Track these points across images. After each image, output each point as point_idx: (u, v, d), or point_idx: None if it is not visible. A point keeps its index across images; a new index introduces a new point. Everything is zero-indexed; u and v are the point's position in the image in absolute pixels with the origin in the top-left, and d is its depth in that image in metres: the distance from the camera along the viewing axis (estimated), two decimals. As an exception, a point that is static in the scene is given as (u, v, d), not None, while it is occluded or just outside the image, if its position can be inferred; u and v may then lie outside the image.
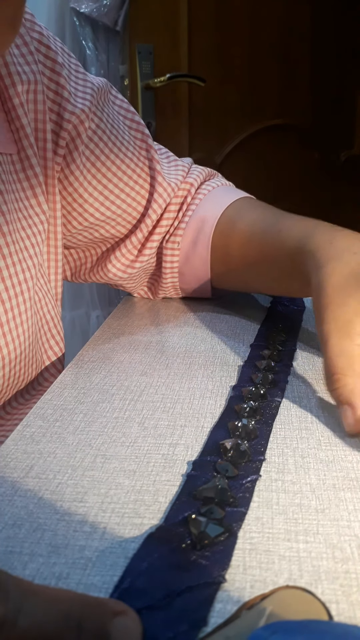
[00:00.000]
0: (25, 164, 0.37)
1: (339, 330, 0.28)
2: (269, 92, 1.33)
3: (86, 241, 0.45)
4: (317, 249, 0.33)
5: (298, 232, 0.36)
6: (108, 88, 0.43)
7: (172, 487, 0.24)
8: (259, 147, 1.34)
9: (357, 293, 0.29)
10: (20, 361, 0.36)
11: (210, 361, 0.36)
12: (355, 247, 0.31)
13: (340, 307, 0.29)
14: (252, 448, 0.26)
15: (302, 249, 0.34)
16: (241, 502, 0.22)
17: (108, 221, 0.43)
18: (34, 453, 0.26)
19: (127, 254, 0.45)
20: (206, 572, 0.19)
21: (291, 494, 0.23)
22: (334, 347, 0.28)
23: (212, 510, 0.21)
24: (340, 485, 0.24)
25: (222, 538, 0.20)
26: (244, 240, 0.41)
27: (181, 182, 0.45)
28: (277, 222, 0.39)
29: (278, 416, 0.29)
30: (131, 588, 0.18)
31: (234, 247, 0.42)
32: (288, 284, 0.38)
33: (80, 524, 0.22)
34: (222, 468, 0.24)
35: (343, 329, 0.28)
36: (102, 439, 0.27)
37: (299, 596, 0.18)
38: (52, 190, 0.39)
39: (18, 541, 0.21)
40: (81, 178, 0.41)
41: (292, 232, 0.37)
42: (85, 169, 0.41)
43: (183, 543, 0.20)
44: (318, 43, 1.34)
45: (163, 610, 0.17)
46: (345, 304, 0.29)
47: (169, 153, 0.48)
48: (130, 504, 0.23)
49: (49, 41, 0.39)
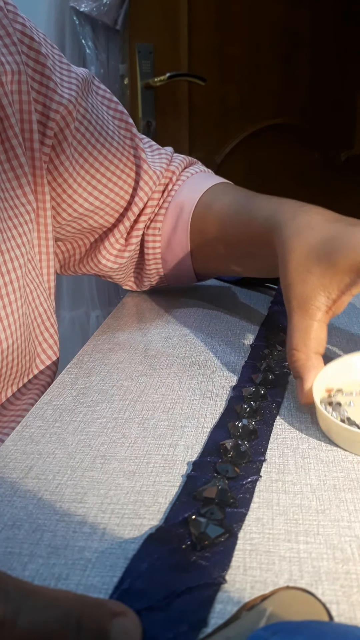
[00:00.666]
0: (10, 154, 0.37)
1: (300, 308, 0.30)
2: (269, 91, 1.33)
3: (75, 232, 0.45)
4: (281, 227, 0.33)
5: (266, 210, 0.37)
6: (91, 78, 0.44)
7: (172, 488, 0.24)
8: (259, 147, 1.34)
9: (315, 269, 0.29)
10: (13, 351, 0.36)
11: (210, 361, 0.36)
12: (314, 222, 0.32)
13: (301, 284, 0.30)
14: (252, 448, 0.26)
15: (269, 227, 0.35)
16: (241, 503, 0.22)
17: (97, 211, 0.44)
18: (33, 454, 0.26)
19: (115, 243, 0.45)
20: (206, 573, 0.19)
21: (292, 495, 0.23)
22: (293, 325, 0.30)
23: (212, 511, 0.21)
24: (340, 486, 0.24)
25: (222, 539, 0.20)
26: (218, 223, 0.42)
27: (165, 169, 0.46)
28: (248, 203, 0.40)
29: (278, 416, 0.29)
30: (131, 589, 0.18)
31: (211, 230, 0.43)
32: (264, 262, 0.38)
33: (80, 524, 0.21)
34: (222, 469, 0.24)
35: (303, 307, 0.30)
36: (101, 439, 0.27)
37: (300, 597, 0.18)
38: (40, 182, 0.39)
39: (17, 542, 0.21)
40: (70, 168, 0.41)
41: (262, 211, 0.37)
42: (74, 159, 0.41)
43: (183, 544, 0.20)
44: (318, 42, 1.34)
45: (163, 611, 0.17)
46: (305, 281, 0.30)
47: (151, 142, 0.49)
48: (130, 504, 0.23)
49: (32, 32, 0.39)
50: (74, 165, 0.41)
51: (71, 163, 0.41)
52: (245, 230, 0.39)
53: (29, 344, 0.38)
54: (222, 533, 0.20)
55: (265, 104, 1.33)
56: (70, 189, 0.41)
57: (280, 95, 1.35)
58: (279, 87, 1.35)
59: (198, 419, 0.29)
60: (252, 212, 0.38)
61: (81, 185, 0.42)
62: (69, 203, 0.42)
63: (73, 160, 0.41)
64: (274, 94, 1.34)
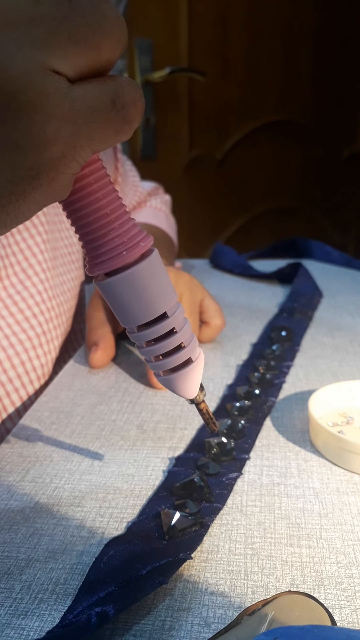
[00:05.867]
0: None
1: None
2: (271, 86, 1.32)
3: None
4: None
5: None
6: None
7: (172, 491, 0.23)
8: (260, 143, 1.33)
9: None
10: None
11: (211, 362, 0.36)
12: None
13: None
14: (238, 446, 0.26)
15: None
16: (218, 498, 0.22)
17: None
18: (30, 456, 0.26)
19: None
20: (171, 555, 0.19)
21: (294, 498, 0.23)
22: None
23: (186, 505, 0.21)
24: (344, 489, 0.23)
25: (192, 530, 0.20)
26: None
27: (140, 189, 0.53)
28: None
29: (280, 418, 0.29)
30: (95, 580, 0.18)
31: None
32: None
33: (78, 529, 0.21)
34: (203, 465, 0.24)
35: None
36: (99, 442, 0.27)
37: (302, 601, 0.17)
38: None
39: (14, 546, 0.20)
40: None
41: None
42: None
43: (153, 535, 0.20)
44: (321, 36, 1.33)
45: (123, 589, 0.17)
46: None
47: (134, 172, 0.55)
48: (128, 508, 0.22)
49: None
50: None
51: None
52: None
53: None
54: (192, 524, 0.20)
55: (266, 100, 1.32)
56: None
57: (281, 91, 1.34)
58: (281, 82, 1.33)
59: (199, 421, 0.29)
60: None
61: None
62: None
63: None
64: (275, 90, 1.33)
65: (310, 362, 0.35)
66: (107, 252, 0.17)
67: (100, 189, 0.16)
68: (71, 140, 0.14)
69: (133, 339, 0.19)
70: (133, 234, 0.17)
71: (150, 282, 0.18)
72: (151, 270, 0.18)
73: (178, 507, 0.21)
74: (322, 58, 1.40)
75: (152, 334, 0.19)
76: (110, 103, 0.14)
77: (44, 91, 0.13)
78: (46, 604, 0.18)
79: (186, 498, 0.22)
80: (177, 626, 0.17)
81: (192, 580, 0.19)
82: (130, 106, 0.15)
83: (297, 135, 1.41)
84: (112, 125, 0.15)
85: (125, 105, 0.15)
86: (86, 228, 0.17)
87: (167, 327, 0.19)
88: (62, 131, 0.14)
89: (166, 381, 0.20)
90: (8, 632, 0.17)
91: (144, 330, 0.19)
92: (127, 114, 0.15)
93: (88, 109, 0.14)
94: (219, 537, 0.21)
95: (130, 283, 0.17)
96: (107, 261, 0.17)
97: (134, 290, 0.18)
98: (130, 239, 0.17)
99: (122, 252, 0.17)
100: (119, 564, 0.18)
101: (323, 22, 1.37)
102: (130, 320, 0.18)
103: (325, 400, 0.28)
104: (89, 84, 0.14)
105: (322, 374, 0.34)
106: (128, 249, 0.17)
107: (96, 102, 0.14)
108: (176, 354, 0.19)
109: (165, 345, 0.19)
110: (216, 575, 0.19)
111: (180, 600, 0.18)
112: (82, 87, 0.14)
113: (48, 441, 0.27)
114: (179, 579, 0.19)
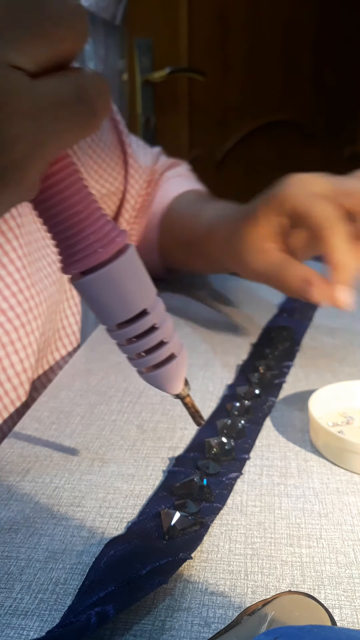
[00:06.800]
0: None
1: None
2: (271, 87, 1.32)
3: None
4: (226, 224, 0.38)
5: (210, 216, 0.42)
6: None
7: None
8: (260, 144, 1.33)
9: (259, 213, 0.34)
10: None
11: (210, 362, 0.36)
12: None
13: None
14: (238, 446, 0.26)
15: (212, 227, 0.40)
16: (218, 498, 0.22)
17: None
18: (30, 456, 0.26)
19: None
20: (171, 554, 0.19)
21: (294, 498, 0.23)
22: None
23: (186, 505, 0.21)
24: (344, 489, 0.23)
25: (192, 530, 0.20)
26: (178, 226, 0.47)
27: (150, 167, 0.51)
28: (201, 209, 0.45)
29: (280, 418, 0.29)
30: (93, 581, 0.18)
31: (172, 232, 0.48)
32: (208, 261, 0.43)
33: (78, 529, 0.21)
34: (203, 465, 0.24)
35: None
36: (99, 442, 0.27)
37: (302, 601, 0.17)
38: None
39: (14, 546, 0.20)
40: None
41: (207, 216, 0.42)
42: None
43: (153, 535, 0.20)
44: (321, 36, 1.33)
45: (122, 588, 0.17)
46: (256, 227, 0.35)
47: (139, 141, 0.53)
48: (129, 508, 0.22)
49: None
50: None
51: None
52: (193, 232, 0.44)
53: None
54: (192, 524, 0.20)
55: (266, 100, 1.32)
56: None
57: (282, 90, 1.34)
58: (281, 82, 1.33)
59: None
60: (200, 217, 0.43)
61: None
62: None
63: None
64: (275, 89, 1.33)
65: (310, 362, 0.35)
66: (81, 250, 0.16)
67: (70, 186, 0.16)
68: (36, 138, 0.13)
69: (113, 338, 0.19)
70: (107, 230, 0.17)
71: (128, 279, 0.17)
72: (128, 266, 0.17)
73: (178, 507, 0.21)
74: (322, 58, 1.40)
75: (132, 331, 0.18)
76: (75, 96, 0.14)
77: (3, 88, 0.12)
78: (46, 604, 0.18)
79: (186, 498, 0.22)
80: (177, 626, 0.17)
81: (192, 580, 0.19)
82: (97, 98, 0.14)
83: (297, 135, 1.41)
84: (78, 119, 0.14)
85: (91, 98, 0.14)
86: (58, 227, 0.16)
87: (148, 324, 0.18)
88: (25, 129, 0.13)
89: (150, 378, 0.19)
90: (8, 632, 0.17)
91: (124, 328, 0.18)
92: (93, 107, 0.14)
93: (52, 104, 0.13)
94: (219, 537, 0.21)
95: (108, 281, 0.17)
96: (82, 259, 0.17)
97: (111, 288, 0.17)
98: (104, 235, 0.17)
99: (97, 250, 0.16)
100: (119, 564, 0.18)
101: (323, 22, 1.36)
102: (109, 319, 0.18)
103: (325, 400, 0.28)
104: (52, 77, 0.14)
105: (322, 374, 0.34)
106: (103, 246, 0.16)
107: (60, 97, 0.13)
108: (158, 350, 0.19)
109: (147, 342, 0.18)
110: (216, 575, 0.19)
111: (180, 600, 0.18)
112: (45, 81, 0.13)
113: (48, 441, 0.27)
114: (179, 579, 0.19)
